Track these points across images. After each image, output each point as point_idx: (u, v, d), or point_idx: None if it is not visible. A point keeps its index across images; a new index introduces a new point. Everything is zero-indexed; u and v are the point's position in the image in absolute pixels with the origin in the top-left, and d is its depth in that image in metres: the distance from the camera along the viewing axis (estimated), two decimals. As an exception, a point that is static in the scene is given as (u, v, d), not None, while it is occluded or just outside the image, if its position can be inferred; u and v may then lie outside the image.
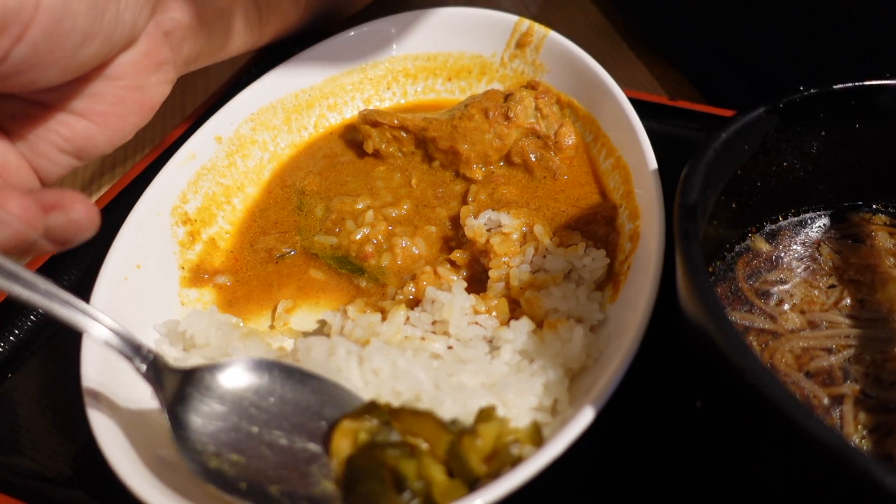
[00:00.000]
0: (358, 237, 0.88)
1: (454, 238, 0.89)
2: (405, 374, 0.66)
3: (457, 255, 0.83)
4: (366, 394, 0.67)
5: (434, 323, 0.77)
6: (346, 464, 0.62)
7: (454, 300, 0.76)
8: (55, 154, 0.71)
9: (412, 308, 0.79)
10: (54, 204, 0.58)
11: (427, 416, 0.63)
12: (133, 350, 0.64)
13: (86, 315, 0.61)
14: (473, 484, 0.60)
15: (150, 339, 0.77)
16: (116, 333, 0.63)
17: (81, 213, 0.60)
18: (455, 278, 0.82)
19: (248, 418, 0.64)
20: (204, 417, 0.63)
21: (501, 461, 0.62)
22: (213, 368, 0.66)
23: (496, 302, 0.78)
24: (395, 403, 0.66)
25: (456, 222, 0.90)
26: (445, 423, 0.63)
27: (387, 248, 0.87)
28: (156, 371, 0.64)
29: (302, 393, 0.66)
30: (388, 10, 1.09)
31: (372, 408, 0.64)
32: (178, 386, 0.64)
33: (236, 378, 0.66)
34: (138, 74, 0.73)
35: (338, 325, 0.78)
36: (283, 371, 0.67)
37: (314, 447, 0.64)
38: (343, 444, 0.62)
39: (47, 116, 0.70)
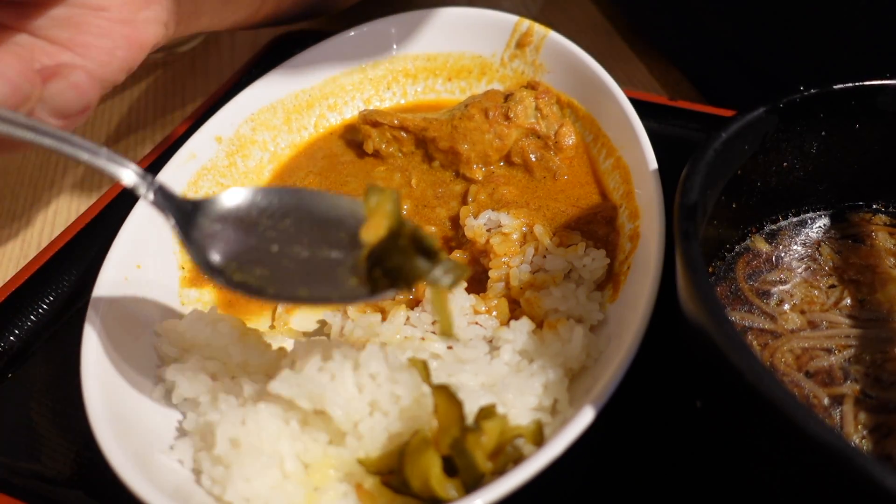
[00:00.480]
0: None
1: (454, 238, 0.89)
2: (404, 377, 0.66)
3: (457, 255, 0.83)
4: (362, 399, 0.66)
5: (434, 323, 0.77)
6: (368, 255, 0.62)
7: (454, 300, 0.76)
8: None
9: (412, 308, 0.79)
10: (53, 72, 0.58)
11: (457, 405, 0.62)
12: (140, 176, 0.63)
13: (82, 149, 0.60)
14: (478, 480, 0.61)
15: (150, 340, 0.77)
16: (117, 163, 0.62)
17: (82, 77, 0.59)
18: (455, 278, 0.82)
19: (265, 240, 0.64)
20: (220, 241, 0.63)
21: (506, 458, 0.62)
22: (221, 198, 0.65)
23: (496, 302, 0.78)
24: (395, 408, 0.65)
25: (456, 222, 0.90)
26: (464, 420, 0.62)
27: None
28: (164, 198, 0.63)
29: (318, 211, 0.66)
30: (388, 10, 1.09)
31: (389, 195, 0.63)
32: (188, 214, 0.63)
33: (247, 204, 0.65)
34: (124, 7, 0.72)
35: (338, 325, 0.78)
36: (294, 194, 0.66)
37: (336, 254, 0.63)
38: (368, 237, 0.62)
39: (30, 45, 0.68)
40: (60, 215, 1.08)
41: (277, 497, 0.62)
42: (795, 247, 0.75)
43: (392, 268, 0.60)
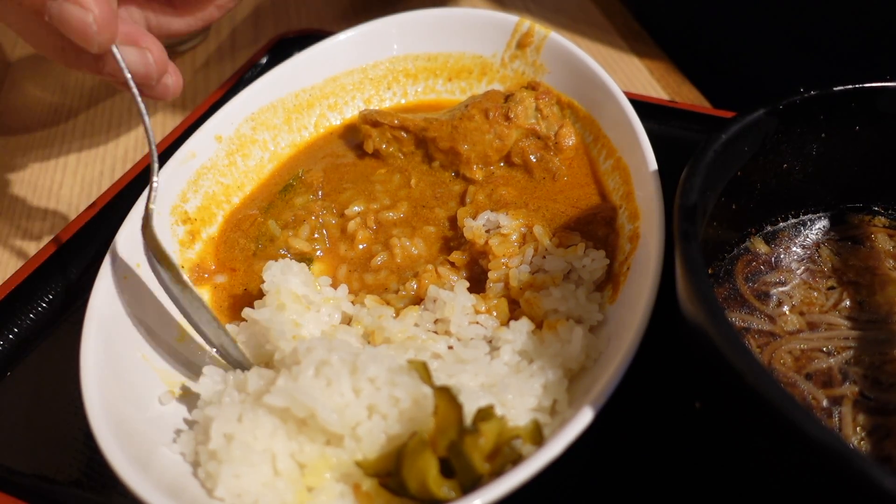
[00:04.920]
0: (296, 244, 0.88)
1: (453, 238, 0.89)
2: (403, 379, 0.66)
3: (456, 256, 0.83)
4: (360, 404, 0.65)
5: (436, 322, 0.77)
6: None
7: (456, 299, 0.76)
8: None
9: (412, 305, 0.79)
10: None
11: (456, 407, 0.62)
12: None
13: None
14: (476, 481, 0.61)
15: (149, 338, 0.77)
16: None
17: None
18: (456, 278, 0.82)
19: None
20: None
21: (504, 458, 0.62)
22: None
23: (496, 302, 0.78)
24: (394, 410, 0.65)
25: (455, 223, 0.90)
26: (463, 422, 0.62)
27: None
28: None
29: None
30: (388, 10, 1.09)
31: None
32: None
33: None
34: None
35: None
36: None
37: None
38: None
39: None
40: (60, 214, 1.08)
41: (268, 494, 0.62)
42: (795, 248, 0.75)
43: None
